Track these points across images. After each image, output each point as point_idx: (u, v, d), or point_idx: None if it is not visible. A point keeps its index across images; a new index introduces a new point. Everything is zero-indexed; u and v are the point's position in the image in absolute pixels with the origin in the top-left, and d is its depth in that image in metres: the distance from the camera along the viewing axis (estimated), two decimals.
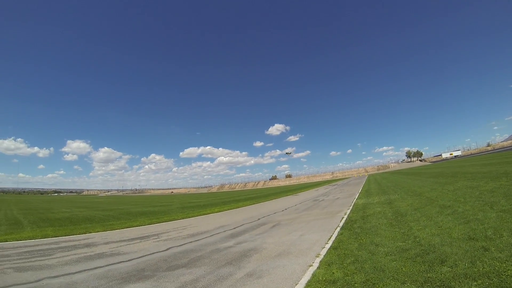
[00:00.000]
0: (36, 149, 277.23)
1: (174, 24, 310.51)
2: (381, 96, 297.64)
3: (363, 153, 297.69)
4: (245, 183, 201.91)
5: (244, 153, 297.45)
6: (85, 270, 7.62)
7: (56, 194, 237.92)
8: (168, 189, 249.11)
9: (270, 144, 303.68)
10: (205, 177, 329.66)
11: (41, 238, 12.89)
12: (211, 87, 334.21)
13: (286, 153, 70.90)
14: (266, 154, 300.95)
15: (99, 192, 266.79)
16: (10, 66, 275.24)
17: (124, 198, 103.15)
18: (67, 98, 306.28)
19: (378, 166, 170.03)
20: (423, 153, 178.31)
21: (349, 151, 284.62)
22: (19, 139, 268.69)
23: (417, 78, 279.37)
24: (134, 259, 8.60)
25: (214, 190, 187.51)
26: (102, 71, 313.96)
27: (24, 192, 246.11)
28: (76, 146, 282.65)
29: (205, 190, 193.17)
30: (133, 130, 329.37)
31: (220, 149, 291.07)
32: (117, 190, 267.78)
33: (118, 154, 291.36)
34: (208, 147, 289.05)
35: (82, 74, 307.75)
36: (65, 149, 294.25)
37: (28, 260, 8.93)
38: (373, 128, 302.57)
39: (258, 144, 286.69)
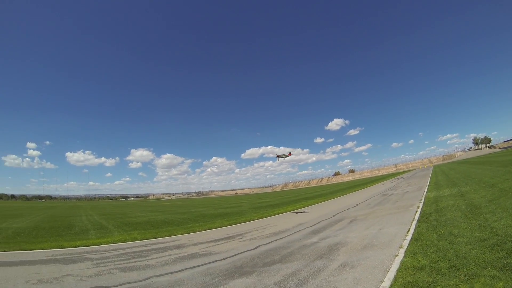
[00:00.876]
0: (103, 159, 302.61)
1: (226, 32, 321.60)
2: (441, 81, 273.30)
3: (425, 142, 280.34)
4: (309, 181, 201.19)
5: (305, 150, 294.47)
6: (186, 269, 8.02)
7: (124, 199, 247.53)
8: (231, 190, 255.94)
9: (331, 140, 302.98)
10: (268, 176, 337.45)
11: (131, 241, 13.54)
12: (269, 89, 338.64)
13: (278, 156, 39.75)
14: (327, 150, 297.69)
15: (164, 196, 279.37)
16: (74, 86, 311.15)
17: (191, 201, 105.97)
18: (128, 111, 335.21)
19: (443, 156, 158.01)
20: (491, 139, 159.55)
21: (411, 141, 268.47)
22: (87, 152, 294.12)
23: (479, 60, 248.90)
24: (228, 257, 9.06)
25: (278, 189, 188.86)
26: (160, 83, 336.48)
27: (95, 198, 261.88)
28: (139, 155, 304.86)
29: (269, 190, 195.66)
30: (193, 136, 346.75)
31: (281, 147, 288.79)
32: (181, 193, 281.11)
33: (180, 159, 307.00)
34: (270, 146, 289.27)
35: (142, 88, 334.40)
36: (129, 157, 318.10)
37: (128, 261, 9.50)
38: (434, 115, 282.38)
39: (319, 140, 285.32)
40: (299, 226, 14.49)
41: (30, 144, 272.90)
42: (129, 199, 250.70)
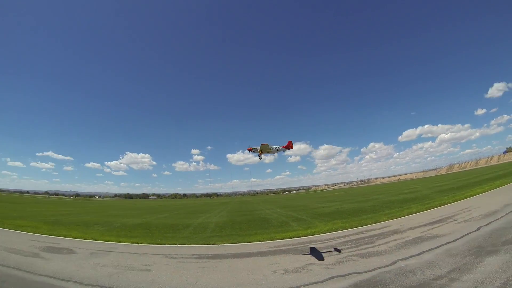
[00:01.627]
0: (262, 157, 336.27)
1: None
2: None
3: None
4: (476, 161, 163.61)
5: (466, 125, 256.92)
6: (425, 252, 8.04)
7: (286, 192, 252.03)
8: (392, 176, 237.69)
9: (494, 110, 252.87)
10: (428, 159, 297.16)
11: (341, 230, 13.94)
12: (415, 59, 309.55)
13: (250, 149, 15.92)
14: (492, 122, 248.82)
15: (326, 186, 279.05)
16: (224, 93, 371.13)
17: (357, 189, 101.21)
18: (281, 108, 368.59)
19: None
20: None
21: None
22: (246, 151, 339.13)
23: None
24: (458, 239, 9.14)
25: (443, 172, 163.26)
26: (308, 75, 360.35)
27: (257, 193, 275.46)
28: (297, 148, 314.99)
29: (433, 173, 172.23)
30: (347, 123, 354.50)
31: (439, 125, 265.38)
32: (343, 183, 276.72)
33: (338, 148, 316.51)
34: (426, 125, 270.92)
35: (291, 84, 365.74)
36: (287, 152, 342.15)
37: (357, 248, 9.65)
38: None
39: (480, 112, 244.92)
40: (507, 207, 14.08)
41: (194, 151, 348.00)
42: (291, 192, 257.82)
